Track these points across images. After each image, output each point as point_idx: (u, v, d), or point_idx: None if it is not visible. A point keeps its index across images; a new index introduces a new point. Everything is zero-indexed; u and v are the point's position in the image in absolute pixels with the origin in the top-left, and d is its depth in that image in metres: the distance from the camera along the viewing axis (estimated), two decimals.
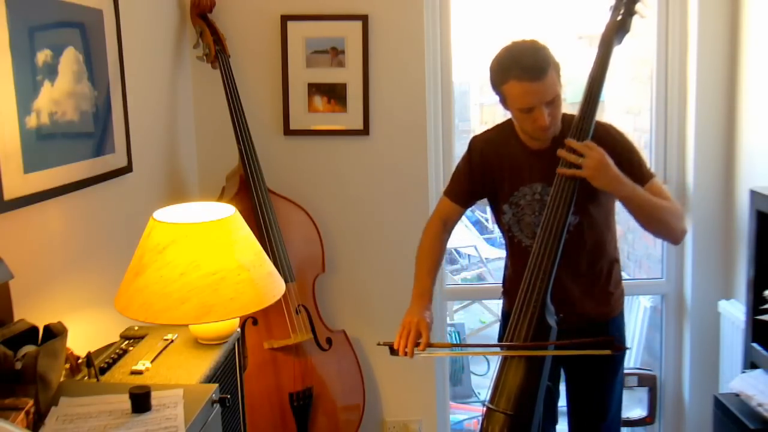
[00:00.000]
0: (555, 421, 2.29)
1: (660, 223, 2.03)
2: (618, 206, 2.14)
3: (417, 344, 2.00)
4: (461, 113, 4.73)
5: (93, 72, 1.90)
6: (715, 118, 2.78)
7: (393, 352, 2.03)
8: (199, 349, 1.75)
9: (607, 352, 1.90)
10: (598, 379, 2.19)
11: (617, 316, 2.20)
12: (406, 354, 2.00)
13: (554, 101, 1.95)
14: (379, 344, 2.07)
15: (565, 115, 2.06)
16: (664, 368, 3.06)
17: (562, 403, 2.30)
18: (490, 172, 2.16)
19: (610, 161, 1.93)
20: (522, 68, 1.90)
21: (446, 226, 2.25)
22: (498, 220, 2.22)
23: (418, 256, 2.21)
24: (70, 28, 1.81)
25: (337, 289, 2.91)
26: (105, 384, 1.54)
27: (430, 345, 2.01)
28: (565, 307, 2.06)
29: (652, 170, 2.10)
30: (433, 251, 2.20)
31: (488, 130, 2.22)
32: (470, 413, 3.88)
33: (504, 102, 2.02)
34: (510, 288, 2.23)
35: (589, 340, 1.88)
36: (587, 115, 1.99)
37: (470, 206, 2.28)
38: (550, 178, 2.01)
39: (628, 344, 2.32)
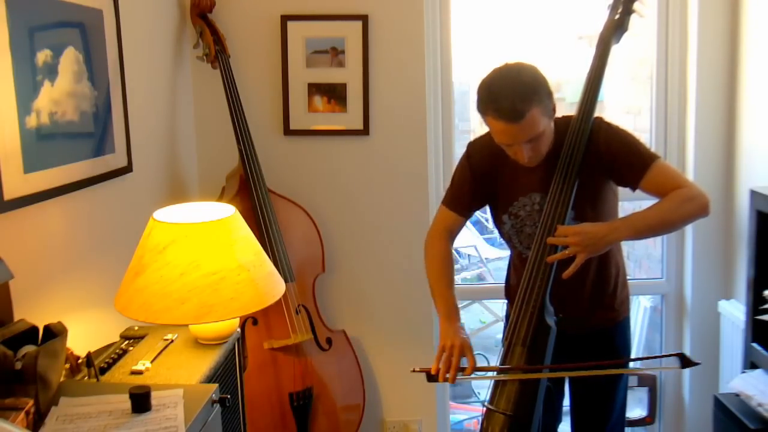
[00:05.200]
0: (558, 420, 2.28)
1: (678, 223, 2.04)
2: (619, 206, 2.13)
3: (461, 369, 1.91)
4: (461, 113, 4.72)
5: (93, 72, 1.90)
6: (715, 118, 2.78)
7: (431, 378, 1.92)
8: (199, 349, 1.75)
9: (677, 367, 1.87)
10: (603, 380, 2.18)
11: (623, 320, 2.19)
12: (446, 380, 1.90)
13: (535, 138, 1.87)
14: (414, 371, 1.95)
15: (559, 121, 2.00)
16: None
17: (566, 402, 2.30)
18: (491, 177, 2.10)
19: (590, 227, 1.91)
20: (498, 109, 1.82)
21: (451, 235, 2.17)
22: (499, 230, 2.17)
23: (432, 272, 2.11)
24: (70, 28, 1.81)
25: (337, 289, 2.90)
26: (105, 384, 1.54)
27: (475, 369, 1.92)
28: (572, 311, 2.06)
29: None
30: (445, 263, 2.11)
31: (484, 136, 2.12)
32: (470, 413, 3.88)
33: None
34: (513, 292, 2.22)
35: (658, 357, 1.87)
36: (585, 116, 1.97)
37: (472, 214, 2.21)
38: (548, 188, 1.98)
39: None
